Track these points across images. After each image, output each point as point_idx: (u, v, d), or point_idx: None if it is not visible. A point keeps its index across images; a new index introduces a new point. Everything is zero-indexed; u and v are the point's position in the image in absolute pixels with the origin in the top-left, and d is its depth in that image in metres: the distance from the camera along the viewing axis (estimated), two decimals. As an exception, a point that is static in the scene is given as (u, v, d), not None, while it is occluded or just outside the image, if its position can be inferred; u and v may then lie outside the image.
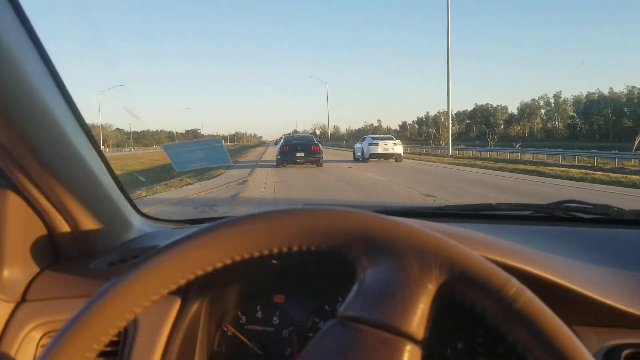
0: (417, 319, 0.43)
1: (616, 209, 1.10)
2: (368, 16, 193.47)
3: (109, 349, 0.77)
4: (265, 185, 11.07)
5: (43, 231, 0.87)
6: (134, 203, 1.06)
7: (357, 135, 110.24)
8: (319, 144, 19.16)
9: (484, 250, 0.63)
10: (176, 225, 1.18)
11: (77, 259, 0.92)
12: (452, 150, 30.82)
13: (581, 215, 1.10)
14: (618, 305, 0.66)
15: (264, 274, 0.88)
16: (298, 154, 18.29)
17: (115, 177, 0.96)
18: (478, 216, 1.19)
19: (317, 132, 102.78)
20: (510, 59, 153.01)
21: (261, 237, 0.47)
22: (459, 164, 20.38)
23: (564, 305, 0.47)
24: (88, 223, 0.88)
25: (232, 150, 54.91)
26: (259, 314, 0.91)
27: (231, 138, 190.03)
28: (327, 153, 35.26)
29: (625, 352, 0.65)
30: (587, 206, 1.11)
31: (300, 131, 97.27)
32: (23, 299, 0.85)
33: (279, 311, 0.91)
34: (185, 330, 0.80)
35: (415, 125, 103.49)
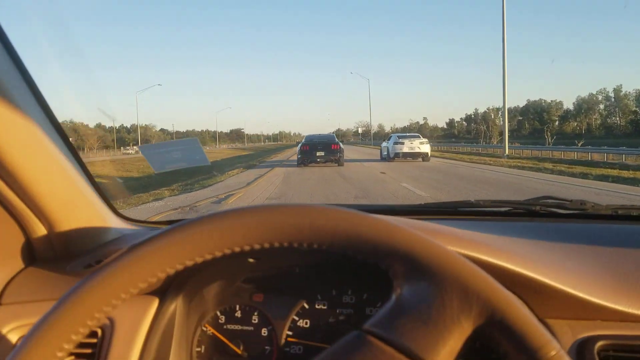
0: (445, 355, 0.43)
1: (592, 204, 1.13)
2: (413, 10, 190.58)
3: (86, 350, 0.76)
4: (255, 201, 8.95)
5: (18, 233, 0.87)
6: (112, 204, 1.05)
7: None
8: (340, 143, 18.98)
9: (457, 245, 0.66)
10: (155, 227, 1.16)
11: (54, 261, 0.91)
12: (508, 149, 26.94)
13: (559, 210, 1.14)
14: (591, 298, 0.68)
15: (241, 273, 0.89)
16: (318, 153, 18.18)
17: (91, 179, 0.96)
18: (457, 213, 1.21)
19: (360, 130, 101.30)
20: (565, 52, 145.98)
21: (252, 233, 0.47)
22: (522, 167, 16.91)
23: (538, 299, 0.48)
24: (64, 225, 0.88)
25: (269, 150, 55.45)
26: (238, 314, 0.91)
27: (274, 137, 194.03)
28: (359, 152, 35.48)
29: (599, 344, 0.67)
30: (564, 202, 1.15)
31: (344, 130, 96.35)
32: None
33: (257, 310, 0.90)
34: (163, 330, 0.79)
35: (464, 122, 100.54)
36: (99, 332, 0.77)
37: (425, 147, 20.51)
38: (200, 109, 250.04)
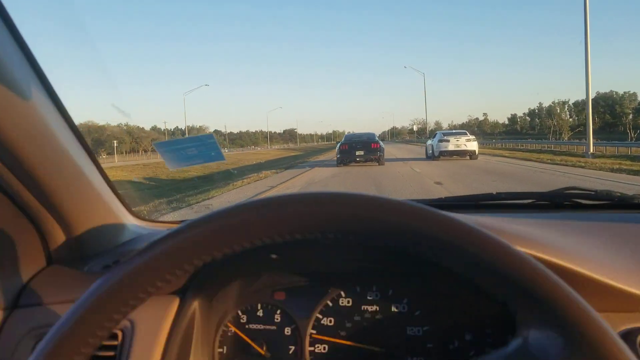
0: None
1: (619, 194, 1.10)
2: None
3: (107, 353, 0.75)
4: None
5: (35, 235, 0.88)
6: (127, 204, 1.05)
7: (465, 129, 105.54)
8: (380, 142, 18.67)
9: (512, 240, 0.63)
10: (170, 226, 1.16)
11: (71, 262, 0.92)
12: (592, 147, 21.55)
13: (583, 202, 1.11)
14: (631, 289, 0.68)
15: (262, 270, 0.87)
16: (357, 152, 17.88)
17: (107, 179, 0.96)
18: (479, 206, 1.19)
19: (415, 128, 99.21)
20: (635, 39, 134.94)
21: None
22: (624, 170, 13.18)
23: (579, 292, 0.46)
24: (80, 226, 0.89)
25: (319, 150, 55.42)
26: (260, 313, 0.89)
27: (328, 137, 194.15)
28: (408, 150, 34.22)
29: None
30: (589, 192, 1.12)
31: (399, 128, 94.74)
32: (16, 305, 0.85)
33: (280, 309, 0.89)
34: (184, 331, 0.79)
35: (527, 117, 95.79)
36: (120, 334, 0.75)
37: (472, 145, 19.57)
38: (254, 110, 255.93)
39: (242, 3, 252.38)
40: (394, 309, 0.85)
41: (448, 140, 19.62)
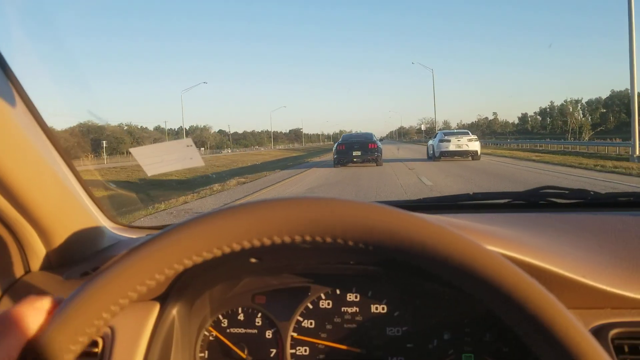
0: None
1: (592, 192, 1.15)
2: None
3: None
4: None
5: (11, 243, 0.88)
6: (105, 210, 1.06)
7: (471, 130, 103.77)
8: (377, 142, 18.67)
9: (482, 239, 0.68)
10: (150, 232, 1.16)
11: (49, 270, 0.92)
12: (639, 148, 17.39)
13: (558, 200, 1.15)
14: (601, 286, 0.70)
15: (242, 274, 0.89)
16: (355, 153, 17.82)
17: (84, 185, 0.97)
18: (457, 206, 1.23)
19: (423, 127, 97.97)
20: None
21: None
22: None
23: (549, 289, 0.47)
24: (58, 233, 0.89)
25: (322, 150, 55.05)
26: (241, 317, 0.91)
27: (334, 137, 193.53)
28: (412, 150, 33.62)
29: (613, 332, 0.68)
30: (563, 191, 1.16)
31: (407, 127, 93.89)
32: None
33: (260, 312, 0.90)
34: (165, 337, 0.80)
35: (538, 117, 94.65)
36: (100, 341, 0.76)
37: (474, 145, 19.21)
38: (259, 110, 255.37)
39: (248, 1, 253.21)
40: (373, 310, 0.87)
41: (449, 141, 19.24)
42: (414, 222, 0.46)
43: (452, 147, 19.00)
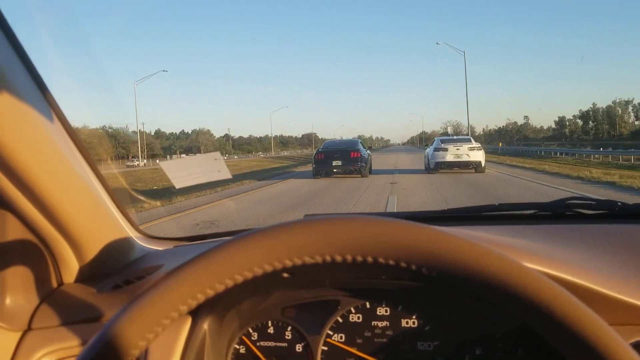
0: None
1: (620, 203, 1.18)
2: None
3: None
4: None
5: (45, 256, 0.94)
6: (134, 221, 1.11)
7: (499, 136, 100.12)
8: (362, 150, 17.46)
9: (524, 259, 0.74)
10: (178, 243, 1.26)
11: (82, 282, 0.99)
12: None
13: (585, 211, 1.20)
14: (637, 302, 0.74)
15: (273, 288, 0.92)
16: (335, 163, 16.90)
17: (113, 197, 1.02)
18: (481, 217, 1.29)
19: (450, 130, 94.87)
20: None
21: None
22: None
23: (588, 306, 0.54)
24: (90, 245, 0.95)
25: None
26: (271, 330, 0.95)
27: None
28: (420, 159, 31.29)
29: None
30: (590, 202, 1.21)
31: (429, 132, 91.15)
32: (29, 327, 0.91)
33: (290, 326, 0.94)
34: (197, 351, 0.83)
35: (578, 120, 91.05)
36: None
37: (476, 155, 17.09)
38: (269, 114, 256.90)
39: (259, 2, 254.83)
40: (404, 324, 0.91)
41: (446, 150, 17.21)
42: (459, 245, 0.50)
43: (449, 157, 17.06)
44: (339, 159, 16.93)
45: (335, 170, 17.01)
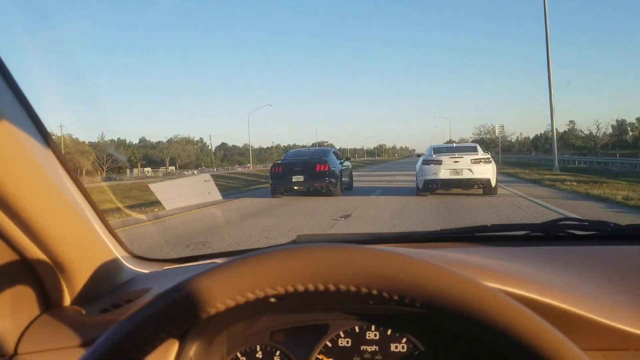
0: None
1: (612, 224, 1.31)
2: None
3: None
4: None
5: (32, 280, 0.99)
6: (123, 243, 1.18)
7: (536, 144, 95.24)
8: (331, 162, 15.18)
9: (489, 279, 0.82)
10: (169, 265, 1.34)
11: (70, 305, 1.05)
12: None
13: (577, 232, 1.32)
14: (626, 327, 0.80)
15: (262, 312, 0.97)
16: (295, 178, 14.85)
17: (102, 217, 1.08)
18: (474, 238, 1.38)
19: (498, 132, 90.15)
20: None
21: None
22: None
23: (571, 330, 0.56)
24: (78, 268, 1.01)
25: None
26: (259, 354, 1.00)
27: (370, 152, 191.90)
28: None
29: None
30: (583, 223, 1.35)
31: (457, 140, 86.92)
32: (15, 352, 0.95)
33: (279, 350, 1.00)
34: None
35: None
36: None
37: (484, 170, 13.45)
38: (279, 121, 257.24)
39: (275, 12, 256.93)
40: (393, 348, 0.96)
41: (439, 162, 13.69)
42: (442, 275, 0.56)
43: (444, 172, 13.56)
44: (300, 172, 14.77)
45: (295, 187, 14.99)
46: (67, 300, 1.04)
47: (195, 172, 64.84)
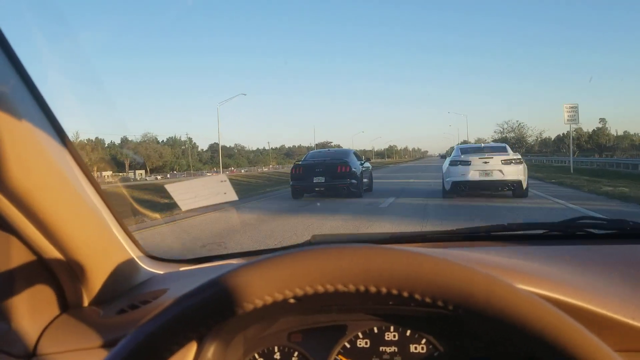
0: None
1: (631, 222, 1.35)
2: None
3: None
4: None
5: (50, 280, 1.04)
6: (139, 244, 1.23)
7: (556, 146, 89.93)
8: (353, 163, 15.61)
9: (515, 280, 0.85)
10: (184, 266, 1.41)
11: (87, 307, 1.09)
12: None
13: (596, 231, 1.37)
14: None
15: (280, 313, 1.00)
16: (316, 179, 15.31)
17: (118, 217, 1.12)
18: (491, 237, 1.43)
19: (510, 135, 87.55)
20: None
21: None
22: None
23: (596, 331, 0.57)
24: (95, 269, 1.06)
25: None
26: (277, 356, 1.04)
27: (380, 153, 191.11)
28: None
29: None
30: (601, 222, 1.41)
31: (472, 141, 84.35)
32: (34, 353, 1.00)
33: (297, 351, 1.03)
34: None
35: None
36: None
37: (514, 171, 13.49)
38: (301, 123, 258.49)
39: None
40: (412, 349, 0.99)
41: (468, 163, 13.74)
42: (476, 278, 0.58)
43: (473, 173, 13.59)
44: (321, 174, 15.17)
45: (316, 188, 15.37)
46: (85, 301, 1.09)
47: (159, 177, 59.76)
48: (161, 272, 1.30)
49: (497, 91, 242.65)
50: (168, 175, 66.97)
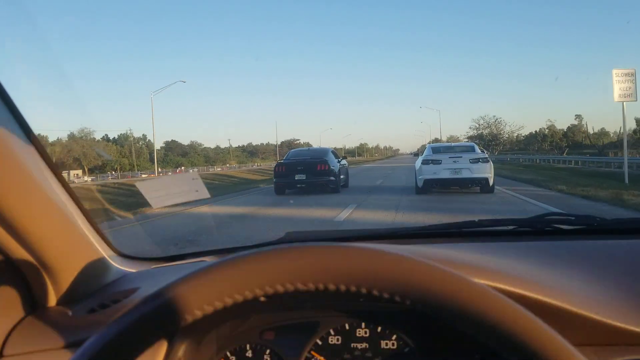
0: None
1: (598, 219, 1.42)
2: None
3: None
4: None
5: (17, 280, 1.04)
6: (109, 241, 1.25)
7: (528, 144, 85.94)
8: (331, 161, 17.65)
9: (479, 276, 0.88)
10: (157, 264, 1.43)
11: (56, 306, 1.10)
12: None
13: (564, 227, 1.44)
14: (616, 322, 0.87)
15: (252, 311, 1.04)
16: (298, 177, 17.21)
17: (88, 215, 1.13)
18: (462, 234, 1.52)
19: (485, 132, 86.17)
20: None
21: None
22: None
23: (561, 326, 0.60)
24: (64, 268, 1.07)
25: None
26: (249, 353, 1.07)
27: (351, 152, 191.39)
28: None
29: None
30: (569, 217, 1.47)
31: (444, 140, 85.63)
32: (1, 354, 1.00)
33: (269, 349, 1.06)
34: None
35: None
36: None
37: (482, 169, 15.01)
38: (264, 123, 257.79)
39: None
40: (383, 345, 1.04)
41: (439, 162, 15.23)
42: (437, 274, 0.61)
43: (444, 172, 15.10)
44: (303, 172, 16.95)
45: (298, 185, 17.13)
46: (54, 301, 1.09)
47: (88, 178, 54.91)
48: (133, 271, 1.30)
49: (473, 85, 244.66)
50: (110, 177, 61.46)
